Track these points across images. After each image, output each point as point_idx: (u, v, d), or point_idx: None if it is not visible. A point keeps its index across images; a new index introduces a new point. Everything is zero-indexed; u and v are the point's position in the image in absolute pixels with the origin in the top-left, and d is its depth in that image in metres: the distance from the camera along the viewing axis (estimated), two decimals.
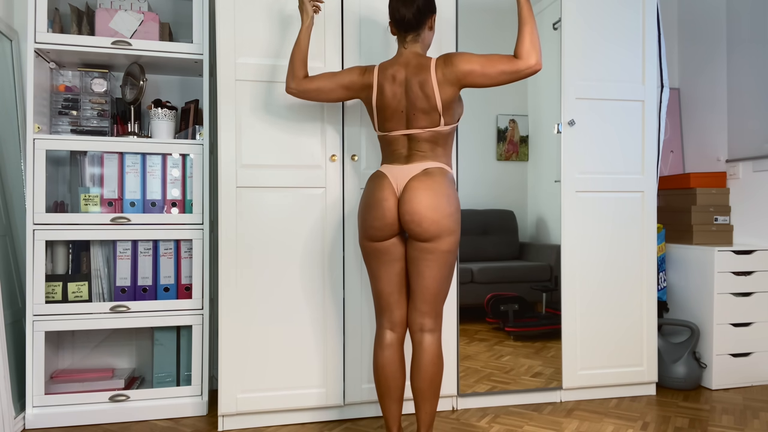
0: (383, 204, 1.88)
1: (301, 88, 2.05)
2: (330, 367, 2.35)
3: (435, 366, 1.90)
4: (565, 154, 2.58)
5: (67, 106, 2.49)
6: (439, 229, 1.83)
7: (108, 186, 2.45)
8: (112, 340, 2.68)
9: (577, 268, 2.60)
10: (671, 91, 3.44)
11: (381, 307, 1.98)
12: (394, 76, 1.91)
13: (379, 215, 1.88)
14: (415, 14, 1.90)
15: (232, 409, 2.27)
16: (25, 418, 2.32)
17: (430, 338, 1.91)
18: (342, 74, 2.01)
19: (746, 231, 3.02)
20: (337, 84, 2.01)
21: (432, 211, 1.82)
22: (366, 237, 1.94)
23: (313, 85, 2.03)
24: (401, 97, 1.90)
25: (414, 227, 1.83)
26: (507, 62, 1.84)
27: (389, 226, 1.88)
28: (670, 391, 2.76)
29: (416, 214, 1.82)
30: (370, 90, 1.95)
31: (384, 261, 1.94)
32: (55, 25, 2.45)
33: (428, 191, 1.83)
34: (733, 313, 2.79)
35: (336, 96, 2.04)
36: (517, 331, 2.55)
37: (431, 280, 1.88)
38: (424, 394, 1.89)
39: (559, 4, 2.57)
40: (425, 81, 1.86)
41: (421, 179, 1.85)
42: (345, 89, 2.01)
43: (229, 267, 2.26)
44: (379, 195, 1.89)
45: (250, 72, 2.28)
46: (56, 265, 2.45)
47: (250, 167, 2.28)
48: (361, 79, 1.98)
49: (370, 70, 1.97)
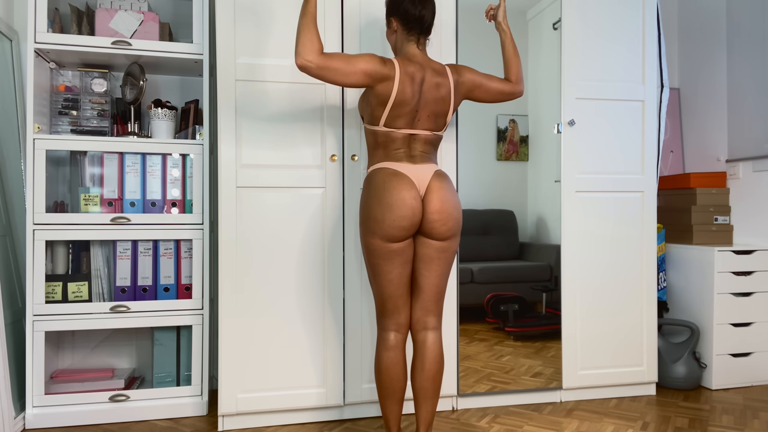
0: (409, 203, 1.83)
1: (323, 64, 1.79)
2: (330, 367, 2.35)
3: (439, 364, 1.91)
4: (565, 154, 2.58)
5: (67, 106, 2.49)
6: (458, 228, 1.93)
7: (108, 186, 2.45)
8: (112, 340, 2.68)
9: (577, 268, 2.60)
10: (671, 91, 3.44)
11: (388, 309, 1.93)
12: (414, 75, 1.88)
13: (407, 215, 1.83)
14: (432, 15, 1.94)
15: (232, 409, 2.27)
16: (25, 418, 2.32)
17: (434, 336, 1.92)
18: (360, 59, 1.84)
19: (746, 231, 3.02)
20: (357, 68, 1.82)
21: (456, 211, 1.91)
22: (384, 237, 1.85)
23: (334, 63, 1.80)
24: (416, 97, 1.89)
25: (439, 226, 1.87)
26: (504, 84, 2.05)
27: (415, 226, 1.87)
28: (670, 391, 2.76)
29: (444, 213, 1.87)
30: (391, 83, 1.85)
31: (398, 262, 1.89)
32: (55, 25, 2.45)
33: (450, 192, 1.91)
34: (733, 313, 2.79)
35: (353, 81, 1.84)
36: (517, 331, 2.55)
37: (440, 278, 1.93)
38: (427, 393, 1.89)
39: (559, 4, 2.57)
40: (443, 85, 1.91)
41: (439, 180, 1.90)
42: (366, 76, 1.83)
43: (229, 267, 2.26)
44: (404, 194, 1.83)
45: (250, 72, 2.28)
46: (56, 265, 2.45)
47: (250, 167, 2.28)
48: (383, 69, 1.84)
49: (390, 63, 1.87)
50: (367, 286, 2.38)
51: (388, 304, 1.93)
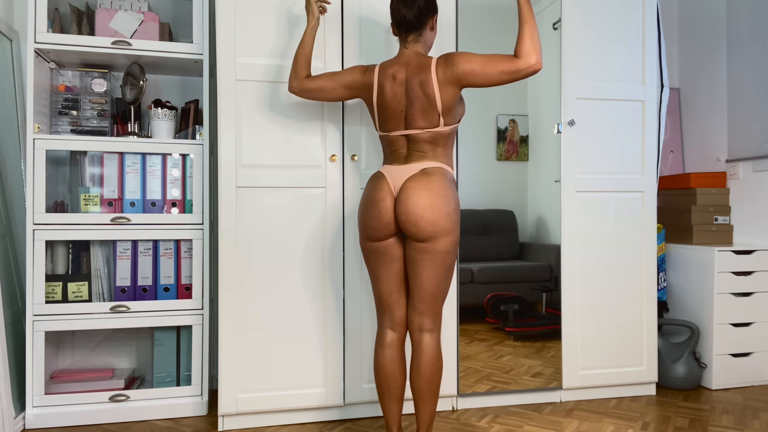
0: (380, 204, 1.88)
1: (303, 87, 2.07)
2: (330, 367, 2.35)
3: (434, 366, 1.90)
4: (565, 154, 2.58)
5: (67, 106, 2.49)
6: (435, 230, 1.82)
7: (108, 186, 2.45)
8: (112, 340, 2.68)
9: (577, 268, 2.60)
10: (671, 91, 3.44)
11: (381, 307, 1.98)
12: (395, 75, 1.90)
13: (376, 215, 1.89)
14: (416, 15, 1.90)
15: (232, 409, 2.27)
16: (25, 418, 2.32)
17: (429, 338, 1.91)
18: (343, 73, 2.02)
19: (746, 231, 3.02)
20: (338, 83, 2.02)
21: (428, 211, 1.81)
22: (365, 237, 1.95)
23: (315, 84, 2.05)
24: (401, 97, 1.90)
25: (410, 227, 1.83)
26: (507, 62, 1.82)
27: (385, 226, 1.89)
28: (670, 391, 2.76)
29: (412, 214, 1.82)
30: (371, 89, 1.95)
31: (382, 261, 1.94)
32: (55, 25, 2.45)
33: (425, 191, 1.83)
34: (733, 313, 2.79)
35: (337, 95, 2.04)
36: (517, 331, 2.55)
37: (428, 280, 1.87)
38: (423, 394, 1.90)
39: (559, 4, 2.57)
40: (426, 81, 1.86)
41: (417, 179, 1.85)
42: (346, 88, 2.02)
43: (229, 267, 2.26)
44: (376, 195, 1.90)
45: (250, 72, 2.28)
46: (56, 265, 2.45)
47: (250, 167, 2.28)
48: (362, 78, 1.98)
49: (371, 70, 1.97)
50: (367, 286, 2.39)
51: (381, 302, 1.98)
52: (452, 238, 1.86)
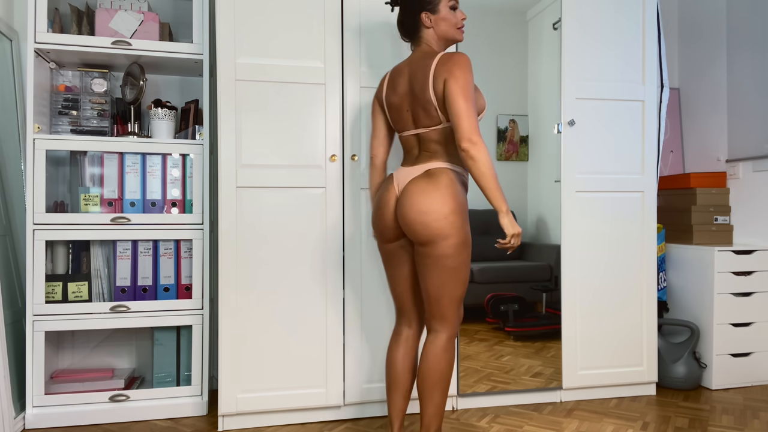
0: (384, 208, 1.91)
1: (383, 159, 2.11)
2: (330, 367, 2.35)
3: (434, 365, 1.89)
4: (565, 154, 2.58)
5: (67, 106, 2.49)
6: (431, 234, 1.77)
7: (108, 186, 2.45)
8: (112, 340, 2.68)
9: (577, 268, 2.60)
10: (671, 91, 3.44)
11: (397, 306, 2.04)
12: (400, 75, 1.92)
13: (381, 218, 1.92)
14: (407, 16, 1.91)
15: (232, 409, 2.27)
16: (25, 418, 2.32)
17: (432, 338, 1.91)
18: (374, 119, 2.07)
19: (746, 231, 3.02)
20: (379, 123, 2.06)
21: (423, 216, 1.77)
22: (377, 239, 2.00)
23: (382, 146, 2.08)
24: (404, 96, 1.90)
25: (408, 231, 1.84)
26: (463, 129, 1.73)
27: (390, 229, 1.91)
28: (670, 391, 2.76)
29: (407, 218, 1.81)
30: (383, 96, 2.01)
31: (393, 263, 1.97)
32: (55, 25, 2.45)
33: (421, 194, 1.79)
34: (733, 313, 2.79)
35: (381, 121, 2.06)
36: (517, 331, 2.55)
37: (430, 283, 1.85)
38: (421, 392, 1.90)
39: (559, 4, 2.57)
40: (424, 74, 1.84)
41: (417, 182, 1.83)
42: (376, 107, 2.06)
43: (229, 267, 2.26)
44: (382, 198, 1.93)
45: (250, 72, 2.28)
46: (56, 265, 2.45)
47: (250, 167, 2.28)
48: (379, 101, 2.04)
49: (380, 84, 2.02)
50: (367, 286, 2.38)
51: (396, 301, 2.03)
52: (452, 241, 1.79)
